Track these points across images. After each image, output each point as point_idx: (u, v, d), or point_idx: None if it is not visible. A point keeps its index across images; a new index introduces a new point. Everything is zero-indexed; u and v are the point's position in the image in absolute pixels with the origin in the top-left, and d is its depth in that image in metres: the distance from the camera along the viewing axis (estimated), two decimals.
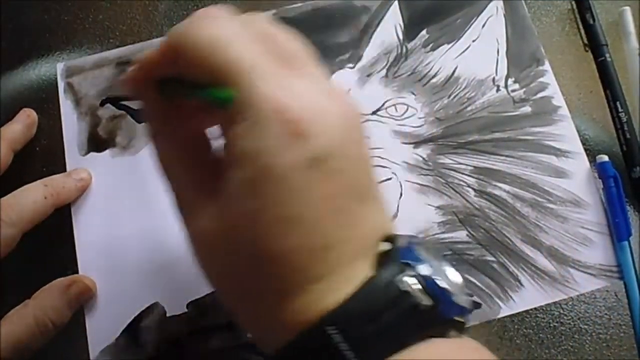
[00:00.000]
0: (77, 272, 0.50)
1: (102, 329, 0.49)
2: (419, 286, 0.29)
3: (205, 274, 0.34)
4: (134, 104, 0.55)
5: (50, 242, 0.52)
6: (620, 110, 0.55)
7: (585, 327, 0.50)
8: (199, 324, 0.49)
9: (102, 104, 0.56)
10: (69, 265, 0.51)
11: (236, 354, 0.49)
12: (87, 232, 0.52)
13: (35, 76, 0.58)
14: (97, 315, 0.49)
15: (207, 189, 0.33)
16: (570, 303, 0.51)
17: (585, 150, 0.54)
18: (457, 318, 0.31)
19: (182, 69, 0.33)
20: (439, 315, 0.30)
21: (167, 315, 0.50)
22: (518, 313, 0.50)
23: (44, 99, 0.56)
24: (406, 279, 0.29)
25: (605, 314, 0.50)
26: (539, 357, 0.49)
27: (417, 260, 0.31)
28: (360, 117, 0.33)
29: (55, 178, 0.51)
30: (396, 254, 0.31)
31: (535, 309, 0.50)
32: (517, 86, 0.57)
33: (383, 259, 0.31)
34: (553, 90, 0.56)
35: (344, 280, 0.30)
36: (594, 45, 0.58)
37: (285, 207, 0.29)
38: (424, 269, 0.30)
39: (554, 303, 0.51)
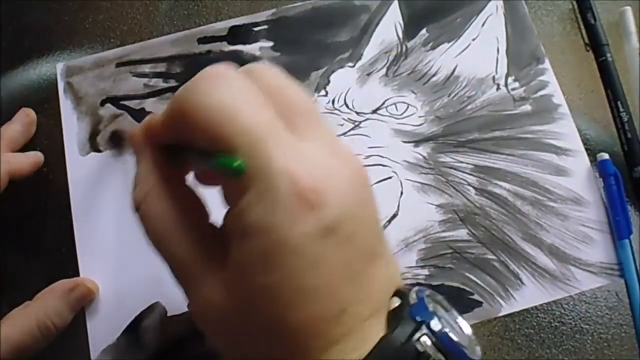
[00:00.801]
0: (77, 271, 0.49)
1: (103, 328, 0.48)
2: (434, 345, 0.28)
3: (215, 343, 0.33)
4: (133, 104, 0.54)
5: (51, 242, 0.51)
6: (621, 109, 0.53)
7: (587, 327, 0.49)
8: None
9: (103, 103, 0.54)
10: (70, 265, 0.49)
11: None
12: (87, 231, 0.50)
13: (36, 76, 0.56)
14: (98, 315, 0.48)
15: (212, 258, 0.31)
16: (571, 303, 0.50)
17: (586, 149, 0.53)
18: None
19: (189, 135, 0.31)
20: None
21: (168, 314, 0.49)
22: (519, 312, 0.49)
23: (44, 99, 0.55)
24: (422, 338, 0.28)
25: (607, 313, 0.49)
26: (540, 356, 0.48)
27: (430, 315, 0.30)
28: (367, 174, 0.31)
29: (4, 154, 0.50)
30: (408, 311, 0.30)
31: (536, 308, 0.49)
32: (517, 84, 0.55)
33: (396, 317, 0.30)
34: (553, 89, 0.55)
35: (360, 341, 0.29)
36: (595, 45, 0.56)
37: (302, 278, 0.28)
38: (436, 325, 0.29)
39: (555, 303, 0.49)
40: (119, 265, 0.50)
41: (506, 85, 0.55)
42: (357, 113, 0.54)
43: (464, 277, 0.49)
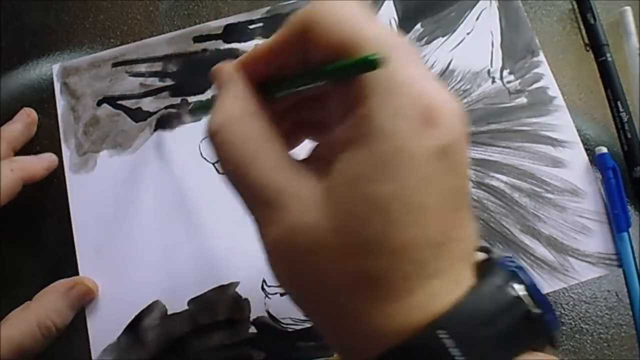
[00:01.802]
0: (77, 271, 0.48)
1: (104, 328, 0.47)
2: (528, 293, 0.27)
3: (292, 280, 0.30)
4: (130, 103, 0.53)
5: (50, 242, 0.49)
6: (621, 110, 0.52)
7: (587, 327, 0.48)
8: (200, 321, 0.47)
9: (99, 103, 0.53)
10: (69, 265, 0.48)
11: (237, 350, 0.46)
12: (86, 231, 0.49)
13: (36, 76, 0.55)
14: (99, 314, 0.47)
15: (302, 180, 0.29)
16: (571, 303, 0.48)
17: (586, 149, 0.52)
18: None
19: (307, 49, 0.29)
20: (546, 326, 0.27)
21: (168, 313, 0.47)
22: None
23: (44, 99, 0.54)
24: (516, 286, 0.27)
25: (606, 314, 0.48)
26: None
27: (520, 269, 0.28)
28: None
29: (19, 157, 0.49)
30: (498, 262, 0.29)
31: None
32: (512, 77, 0.54)
33: (486, 267, 0.28)
34: (548, 81, 0.54)
35: (453, 282, 0.27)
36: (595, 45, 0.55)
37: (414, 195, 0.26)
38: (527, 279, 0.28)
39: (555, 303, 0.48)
40: (119, 264, 0.48)
41: (501, 78, 0.54)
42: None
43: None
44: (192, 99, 0.52)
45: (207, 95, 0.53)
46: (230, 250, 0.48)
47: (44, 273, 0.47)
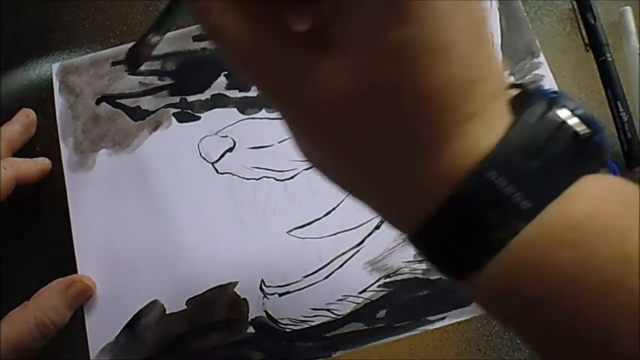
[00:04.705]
0: (76, 270, 0.48)
1: (102, 327, 0.47)
2: (573, 116, 0.26)
3: (324, 152, 0.28)
4: (129, 102, 0.53)
5: (49, 242, 0.49)
6: (621, 110, 0.52)
7: None
8: (198, 321, 0.47)
9: (98, 102, 0.53)
10: (68, 264, 0.48)
11: (235, 350, 0.46)
12: (85, 230, 0.49)
13: (35, 76, 0.55)
14: (97, 313, 0.47)
15: (322, 47, 0.26)
16: None
17: None
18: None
19: None
20: (597, 146, 0.26)
21: (167, 312, 0.47)
22: None
23: (43, 99, 0.54)
24: (558, 111, 0.26)
25: None
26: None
27: (559, 95, 0.27)
28: None
29: (13, 158, 0.49)
30: (537, 92, 0.27)
31: None
32: (512, 79, 0.53)
33: (522, 99, 0.27)
34: (548, 83, 0.53)
35: (491, 122, 0.26)
36: (595, 45, 0.55)
37: (439, 33, 0.24)
38: (569, 103, 0.26)
39: None
40: (117, 263, 0.48)
41: None
42: None
43: None
44: (191, 97, 0.52)
45: (206, 94, 0.53)
46: (229, 250, 0.48)
47: (43, 272, 0.47)
